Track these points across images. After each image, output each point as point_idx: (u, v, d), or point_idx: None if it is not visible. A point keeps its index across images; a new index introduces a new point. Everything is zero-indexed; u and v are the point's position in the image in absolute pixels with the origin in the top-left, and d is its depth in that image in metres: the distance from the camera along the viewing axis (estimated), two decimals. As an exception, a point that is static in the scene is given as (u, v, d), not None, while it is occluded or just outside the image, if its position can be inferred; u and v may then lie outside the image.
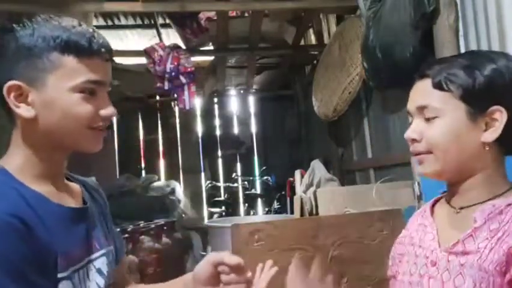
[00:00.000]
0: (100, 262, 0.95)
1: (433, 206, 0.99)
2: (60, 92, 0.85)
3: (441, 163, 0.87)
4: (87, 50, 0.86)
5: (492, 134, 0.84)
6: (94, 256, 0.93)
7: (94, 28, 0.91)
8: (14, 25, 0.86)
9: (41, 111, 0.85)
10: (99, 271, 0.94)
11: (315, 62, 4.25)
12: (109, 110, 0.90)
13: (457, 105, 0.85)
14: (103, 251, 0.96)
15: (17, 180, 0.84)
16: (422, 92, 0.89)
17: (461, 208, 0.90)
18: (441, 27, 1.93)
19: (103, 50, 0.88)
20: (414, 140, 0.90)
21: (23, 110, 0.85)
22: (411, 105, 0.92)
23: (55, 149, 0.90)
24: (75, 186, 0.99)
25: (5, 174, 0.85)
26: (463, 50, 1.92)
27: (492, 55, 0.88)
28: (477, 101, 0.84)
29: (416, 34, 2.02)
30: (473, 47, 1.90)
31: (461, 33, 1.93)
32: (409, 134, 0.91)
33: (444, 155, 0.86)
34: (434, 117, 0.87)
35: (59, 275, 0.82)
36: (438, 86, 0.86)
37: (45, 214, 0.83)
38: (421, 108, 0.88)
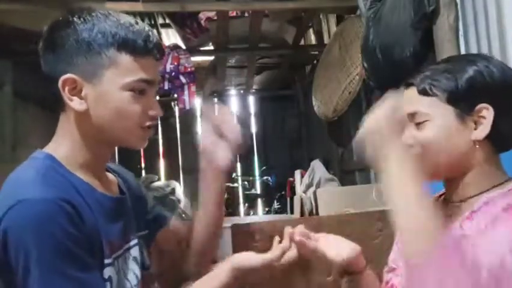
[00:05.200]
0: (135, 250, 0.97)
1: (436, 201, 1.00)
2: (112, 88, 0.87)
3: (434, 164, 0.90)
4: (142, 50, 0.87)
5: (482, 131, 0.87)
6: (130, 244, 0.96)
7: (149, 27, 0.92)
8: (75, 19, 0.87)
9: (93, 105, 0.87)
10: (135, 259, 0.96)
11: (315, 62, 4.25)
12: (156, 110, 0.92)
13: (445, 108, 0.89)
14: (136, 240, 0.99)
15: (65, 167, 0.86)
16: (410, 100, 0.93)
17: (461, 201, 0.92)
18: (441, 27, 1.93)
19: (156, 50, 0.90)
20: (409, 146, 0.93)
21: (76, 103, 0.87)
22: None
23: (102, 143, 0.91)
24: (111, 176, 1.02)
25: (54, 161, 0.86)
26: (463, 50, 1.92)
27: (472, 57, 0.94)
28: (462, 102, 0.88)
29: (416, 34, 2.02)
30: (473, 47, 1.90)
31: (461, 33, 1.93)
32: (404, 140, 0.92)
33: (436, 156, 0.90)
34: (424, 121, 0.90)
35: (105, 261, 0.84)
36: (423, 92, 0.90)
37: (92, 202, 0.85)
38: (411, 115, 0.92)
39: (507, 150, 0.93)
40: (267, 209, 4.98)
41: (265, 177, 5.21)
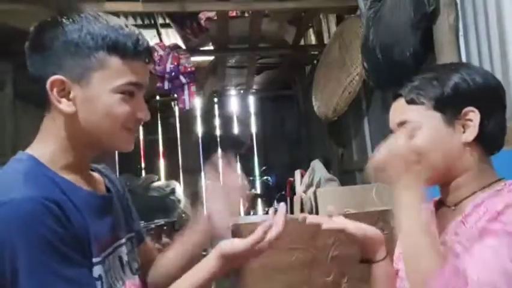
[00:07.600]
0: (121, 251, 0.96)
1: (434, 206, 1.03)
2: (102, 92, 0.86)
3: (429, 171, 0.93)
4: (132, 52, 0.87)
5: (470, 134, 0.91)
6: (117, 244, 0.95)
7: (139, 30, 0.91)
8: (64, 20, 0.85)
9: (81, 108, 0.86)
10: (120, 259, 0.95)
11: (315, 62, 4.25)
12: (144, 113, 0.92)
13: (432, 115, 0.93)
14: (123, 240, 0.98)
15: (48, 167, 0.85)
16: (399, 110, 0.98)
17: (455, 205, 0.95)
18: (441, 27, 1.93)
19: (146, 53, 0.89)
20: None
21: (64, 106, 0.86)
22: (392, 124, 0.99)
23: (88, 145, 0.90)
24: (97, 175, 1.01)
25: (37, 162, 0.85)
26: (463, 50, 1.92)
27: (455, 66, 0.99)
28: (449, 108, 0.92)
29: (416, 34, 2.02)
30: (473, 47, 1.90)
31: (461, 33, 1.93)
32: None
33: (430, 163, 0.93)
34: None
35: (94, 260, 0.83)
36: (411, 101, 0.95)
37: (78, 200, 0.84)
38: (401, 124, 0.96)
39: (497, 151, 0.96)
40: (267, 209, 4.98)
41: (265, 177, 5.21)
